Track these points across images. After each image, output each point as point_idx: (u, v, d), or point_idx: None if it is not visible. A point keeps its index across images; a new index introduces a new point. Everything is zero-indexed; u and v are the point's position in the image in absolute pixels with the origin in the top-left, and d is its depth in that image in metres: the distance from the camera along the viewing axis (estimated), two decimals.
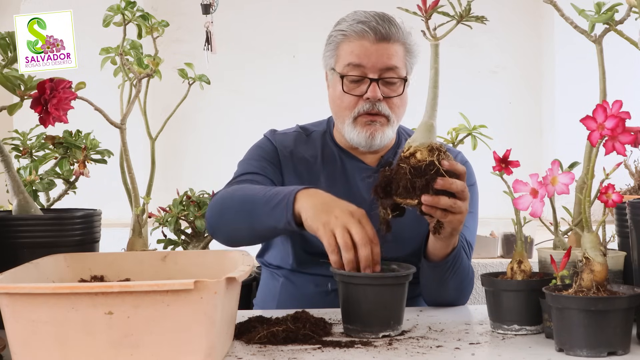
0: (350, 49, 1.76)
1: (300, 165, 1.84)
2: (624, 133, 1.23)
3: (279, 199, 1.55)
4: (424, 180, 1.40)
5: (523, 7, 4.48)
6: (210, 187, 2.22)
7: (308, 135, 1.90)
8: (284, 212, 1.53)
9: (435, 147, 1.42)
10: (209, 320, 1.13)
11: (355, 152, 1.86)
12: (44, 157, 1.90)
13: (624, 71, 3.65)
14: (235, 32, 4.43)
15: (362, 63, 1.74)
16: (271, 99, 4.40)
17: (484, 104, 4.35)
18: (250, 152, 1.89)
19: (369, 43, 1.74)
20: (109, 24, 1.78)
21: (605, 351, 1.22)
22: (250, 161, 1.85)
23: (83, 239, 1.53)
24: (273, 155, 1.85)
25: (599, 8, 1.50)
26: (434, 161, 1.40)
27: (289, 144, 1.87)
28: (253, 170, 1.80)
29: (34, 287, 1.12)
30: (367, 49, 1.74)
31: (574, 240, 1.54)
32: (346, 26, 1.77)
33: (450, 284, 1.67)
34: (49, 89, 1.42)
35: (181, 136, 4.36)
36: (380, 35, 1.73)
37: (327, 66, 1.84)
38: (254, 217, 1.59)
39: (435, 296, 1.71)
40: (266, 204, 1.57)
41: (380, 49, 1.74)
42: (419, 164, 1.40)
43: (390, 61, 1.75)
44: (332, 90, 1.83)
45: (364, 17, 1.76)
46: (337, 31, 1.80)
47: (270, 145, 1.87)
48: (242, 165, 1.85)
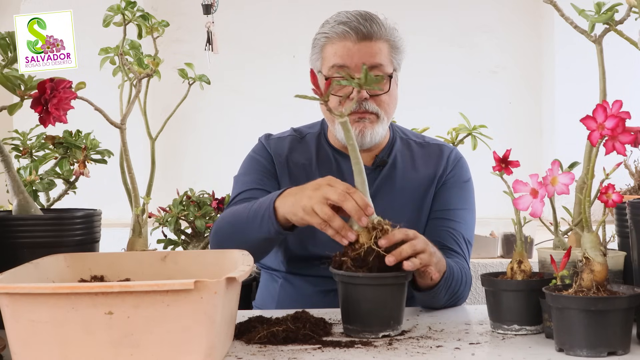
0: (333, 50, 1.77)
1: (295, 169, 1.85)
2: (624, 133, 1.23)
3: (261, 212, 1.60)
4: (372, 263, 1.40)
5: (523, 7, 4.48)
6: (210, 187, 2.22)
7: (302, 138, 1.91)
8: (270, 223, 1.58)
9: (371, 227, 1.43)
10: (209, 320, 1.13)
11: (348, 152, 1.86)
12: (44, 157, 1.90)
13: (624, 71, 3.65)
14: (236, 32, 4.44)
15: (345, 63, 1.75)
16: (271, 99, 4.40)
17: (484, 104, 4.35)
18: (245, 164, 1.90)
19: (352, 43, 1.75)
20: (109, 24, 1.78)
21: (605, 351, 1.22)
22: (245, 177, 1.86)
23: (83, 239, 1.53)
24: (267, 162, 1.86)
25: (599, 8, 1.50)
26: (371, 246, 1.40)
27: (283, 150, 1.88)
28: (247, 188, 1.82)
29: (34, 287, 1.12)
30: (349, 50, 1.75)
31: (574, 240, 1.54)
32: (328, 28, 1.79)
33: (445, 298, 1.66)
34: (49, 88, 1.42)
35: (181, 136, 4.37)
36: (361, 35, 1.74)
37: (314, 69, 1.85)
38: (247, 236, 1.63)
39: (429, 305, 1.70)
40: (253, 221, 1.61)
41: (363, 47, 1.75)
42: (357, 253, 1.40)
43: (374, 59, 1.75)
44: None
45: (345, 17, 1.77)
46: (321, 34, 1.81)
47: (265, 152, 1.88)
48: (238, 182, 1.87)
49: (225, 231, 1.71)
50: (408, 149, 1.90)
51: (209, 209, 2.12)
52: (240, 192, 1.82)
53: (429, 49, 4.45)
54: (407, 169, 1.86)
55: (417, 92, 4.01)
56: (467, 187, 1.88)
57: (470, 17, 4.46)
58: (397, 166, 1.86)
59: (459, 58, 4.48)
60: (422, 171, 1.86)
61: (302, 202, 1.50)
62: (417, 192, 1.84)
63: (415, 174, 1.85)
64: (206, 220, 2.10)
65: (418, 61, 4.67)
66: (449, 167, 1.87)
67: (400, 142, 1.90)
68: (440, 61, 4.44)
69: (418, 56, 4.56)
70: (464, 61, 4.48)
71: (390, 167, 1.85)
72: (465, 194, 1.87)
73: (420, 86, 4.24)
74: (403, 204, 1.81)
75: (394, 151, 1.88)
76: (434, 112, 3.74)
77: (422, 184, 1.84)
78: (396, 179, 1.84)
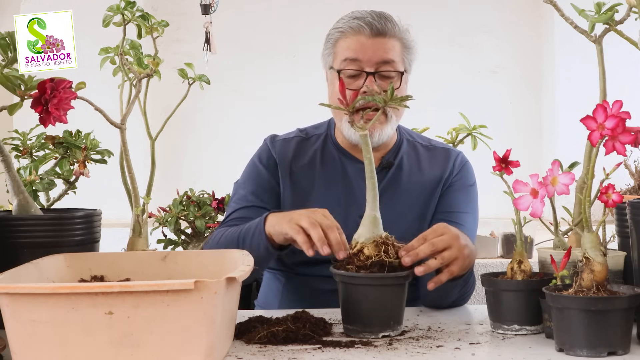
0: (346, 44, 1.78)
1: (298, 173, 1.85)
2: (624, 133, 1.23)
3: (252, 230, 1.62)
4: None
5: (523, 7, 4.48)
6: (210, 187, 2.22)
7: (308, 139, 1.91)
8: (260, 239, 1.59)
9: (380, 241, 1.42)
10: (209, 320, 1.13)
11: (355, 153, 1.86)
12: (44, 157, 1.90)
13: (624, 71, 3.65)
14: (235, 32, 4.44)
15: (358, 57, 1.75)
16: (271, 99, 4.40)
17: (484, 104, 4.35)
18: (246, 172, 1.90)
19: (365, 38, 1.76)
20: (109, 24, 1.78)
21: (605, 351, 1.22)
22: (245, 187, 1.86)
23: (83, 239, 1.53)
24: (269, 170, 1.86)
25: (599, 8, 1.50)
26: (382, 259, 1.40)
27: (288, 153, 1.87)
28: (245, 205, 1.82)
29: (34, 287, 1.12)
30: (363, 44, 1.76)
31: (574, 240, 1.54)
32: (343, 23, 1.80)
33: (456, 295, 1.67)
34: (49, 88, 1.42)
35: (181, 136, 4.36)
36: (376, 30, 1.75)
37: (326, 65, 1.85)
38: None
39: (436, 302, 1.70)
40: (244, 242, 1.62)
41: (377, 43, 1.76)
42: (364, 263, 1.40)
43: (387, 55, 1.76)
44: (331, 88, 1.84)
45: (359, 14, 1.79)
46: (335, 29, 1.82)
47: (269, 156, 1.88)
48: (238, 192, 1.87)
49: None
50: (414, 151, 1.90)
51: (209, 209, 2.12)
52: (234, 210, 1.83)
53: (429, 49, 4.44)
54: (413, 171, 1.86)
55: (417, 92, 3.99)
56: (471, 191, 1.89)
57: (470, 17, 4.46)
58: (404, 168, 1.86)
59: (459, 58, 4.47)
60: (428, 173, 1.86)
61: (288, 217, 1.53)
62: (422, 194, 1.84)
63: (421, 176, 1.86)
64: (206, 220, 2.10)
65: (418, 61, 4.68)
66: (455, 170, 1.87)
67: (407, 144, 1.91)
68: (440, 61, 4.43)
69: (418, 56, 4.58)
70: (464, 61, 4.48)
71: (396, 168, 1.85)
72: (470, 198, 1.87)
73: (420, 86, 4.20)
74: (409, 205, 1.82)
75: (400, 153, 1.88)
76: (434, 112, 3.73)
77: (427, 186, 1.85)
78: (402, 181, 1.84)
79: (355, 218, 1.68)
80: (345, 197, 1.82)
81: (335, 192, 1.82)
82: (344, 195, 1.82)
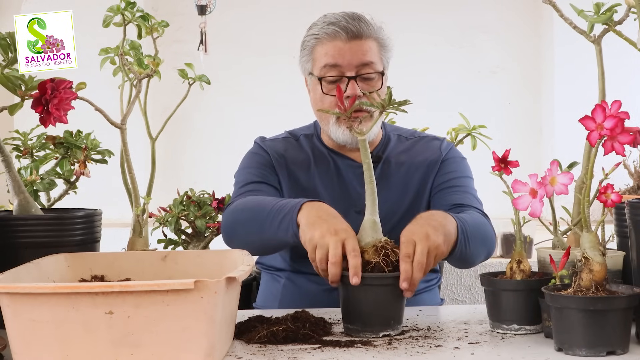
0: (324, 50, 1.78)
1: (294, 169, 1.86)
2: (623, 133, 1.23)
3: (285, 211, 1.56)
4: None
5: (523, 7, 4.49)
6: (210, 187, 2.22)
7: (297, 140, 1.92)
8: (290, 225, 1.54)
9: (380, 246, 1.42)
10: (209, 320, 1.14)
11: (344, 151, 1.88)
12: (45, 157, 1.90)
13: (623, 71, 3.65)
14: (235, 32, 4.44)
15: (337, 63, 1.76)
16: (271, 99, 4.41)
17: (483, 104, 4.36)
18: (245, 160, 1.91)
19: (342, 42, 1.77)
20: (109, 24, 1.78)
21: (604, 351, 1.23)
22: (249, 169, 1.86)
23: (84, 238, 1.54)
24: (267, 161, 1.87)
25: (598, 8, 1.50)
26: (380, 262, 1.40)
27: (279, 150, 1.89)
28: (255, 180, 1.82)
29: (35, 287, 1.13)
30: (340, 49, 1.76)
31: (573, 240, 1.54)
32: (318, 29, 1.80)
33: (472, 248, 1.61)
34: (50, 89, 1.42)
35: (181, 136, 4.37)
36: (352, 34, 1.76)
37: (305, 71, 1.87)
38: (264, 230, 1.60)
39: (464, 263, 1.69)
40: (275, 218, 1.58)
41: (354, 46, 1.76)
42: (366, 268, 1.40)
43: (365, 57, 1.77)
44: (312, 94, 1.85)
45: (333, 18, 1.79)
46: (310, 36, 1.82)
47: (263, 151, 1.89)
48: (242, 174, 1.86)
49: (241, 218, 1.68)
50: (402, 144, 1.93)
51: (209, 209, 2.12)
52: (248, 182, 1.81)
53: (429, 49, 4.46)
54: (402, 160, 1.89)
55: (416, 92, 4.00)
56: (465, 162, 1.94)
57: (470, 17, 4.47)
58: (392, 160, 1.88)
59: (458, 58, 4.48)
60: (418, 159, 1.89)
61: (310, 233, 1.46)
62: (414, 180, 1.87)
63: (411, 163, 1.88)
64: (206, 220, 2.10)
65: (418, 61, 4.69)
66: (443, 152, 1.91)
67: (393, 138, 1.94)
68: (440, 61, 4.44)
69: (418, 56, 4.59)
70: (463, 61, 4.48)
71: (385, 161, 1.87)
72: (464, 167, 1.92)
73: (420, 86, 4.25)
74: (402, 194, 1.85)
75: (388, 147, 1.90)
76: (433, 112, 3.74)
77: (418, 171, 1.87)
78: (392, 172, 1.87)
79: (352, 212, 1.71)
80: (341, 193, 1.84)
81: (332, 190, 1.84)
82: (340, 192, 1.84)
